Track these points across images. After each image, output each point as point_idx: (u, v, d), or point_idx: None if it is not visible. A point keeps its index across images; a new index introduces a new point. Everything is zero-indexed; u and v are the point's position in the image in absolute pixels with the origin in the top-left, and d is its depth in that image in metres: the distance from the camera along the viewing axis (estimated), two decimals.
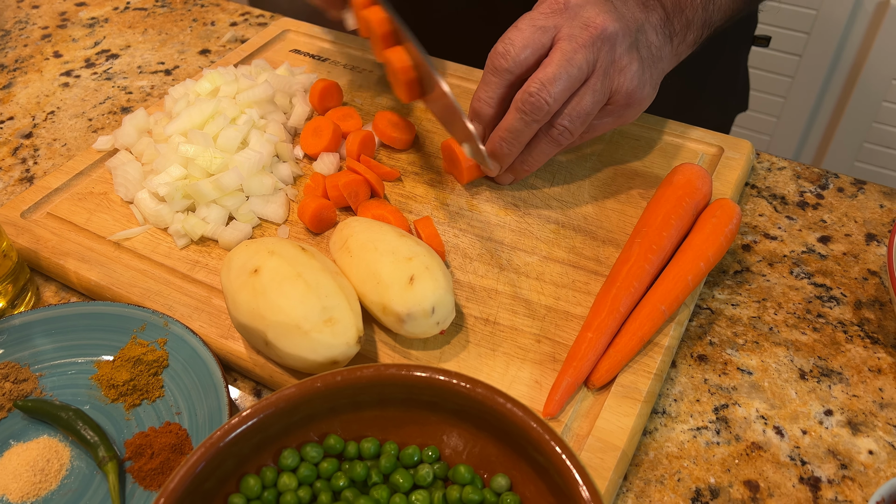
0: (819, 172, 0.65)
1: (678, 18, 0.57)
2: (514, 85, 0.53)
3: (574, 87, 0.52)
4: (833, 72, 1.56)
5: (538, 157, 0.56)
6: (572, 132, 0.53)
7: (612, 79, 0.53)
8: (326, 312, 0.46)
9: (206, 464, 0.37)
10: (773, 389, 0.49)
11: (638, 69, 0.53)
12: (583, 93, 0.52)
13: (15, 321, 0.52)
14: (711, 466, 0.46)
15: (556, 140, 0.54)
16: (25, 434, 0.48)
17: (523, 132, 0.53)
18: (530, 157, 0.56)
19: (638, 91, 0.54)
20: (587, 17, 0.51)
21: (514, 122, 0.53)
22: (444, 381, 0.39)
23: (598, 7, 0.52)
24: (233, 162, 0.60)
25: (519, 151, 0.55)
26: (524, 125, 0.53)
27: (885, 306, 0.54)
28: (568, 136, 0.54)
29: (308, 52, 0.79)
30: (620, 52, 0.52)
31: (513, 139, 0.54)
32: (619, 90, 0.53)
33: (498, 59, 0.52)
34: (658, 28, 0.56)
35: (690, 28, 0.58)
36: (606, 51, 0.52)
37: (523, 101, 0.51)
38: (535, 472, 0.38)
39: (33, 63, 0.84)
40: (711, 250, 0.52)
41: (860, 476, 0.45)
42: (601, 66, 0.52)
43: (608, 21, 0.51)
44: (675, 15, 0.57)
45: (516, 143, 0.54)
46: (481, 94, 0.54)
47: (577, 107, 0.52)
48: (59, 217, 0.61)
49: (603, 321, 0.48)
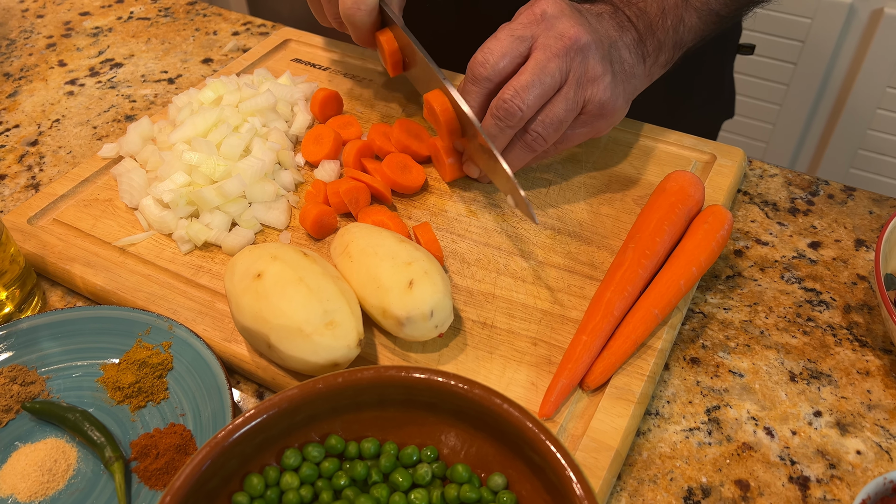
0: (810, 179, 0.66)
1: (650, 40, 0.59)
2: (492, 93, 0.56)
3: (547, 95, 0.54)
4: (828, 79, 1.58)
5: (513, 162, 0.58)
6: (545, 139, 0.56)
7: (585, 88, 0.55)
8: (328, 316, 0.47)
9: (210, 463, 0.38)
10: (763, 391, 0.51)
11: (610, 81, 0.55)
12: (556, 101, 0.54)
13: (23, 325, 0.53)
14: (703, 466, 0.47)
15: (529, 146, 0.56)
16: (33, 435, 0.49)
17: (498, 137, 0.55)
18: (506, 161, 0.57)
19: (611, 102, 0.56)
20: (562, 29, 0.54)
21: (489, 128, 0.55)
22: (442, 383, 0.40)
23: (572, 20, 0.54)
24: (236, 169, 0.61)
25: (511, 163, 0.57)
26: (499, 130, 0.55)
27: (873, 310, 0.55)
28: (542, 142, 0.56)
29: (309, 62, 0.80)
30: (593, 63, 0.54)
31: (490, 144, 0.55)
32: (592, 100, 0.55)
33: (477, 68, 0.54)
34: (631, 48, 0.58)
35: (662, 49, 0.60)
36: (579, 61, 0.54)
37: (498, 107, 0.54)
38: (531, 471, 0.39)
39: (38, 72, 0.85)
40: (703, 255, 0.53)
41: (848, 475, 0.46)
42: (574, 76, 0.54)
43: (581, 33, 0.54)
44: (647, 36, 0.59)
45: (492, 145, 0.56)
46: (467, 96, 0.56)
47: (549, 114, 0.54)
48: (65, 223, 0.62)
49: (597, 325, 0.50)
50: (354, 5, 0.60)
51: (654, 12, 0.59)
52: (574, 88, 0.54)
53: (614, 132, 0.68)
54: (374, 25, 0.63)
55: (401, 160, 0.63)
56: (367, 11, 0.60)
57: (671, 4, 0.60)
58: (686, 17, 0.61)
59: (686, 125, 0.69)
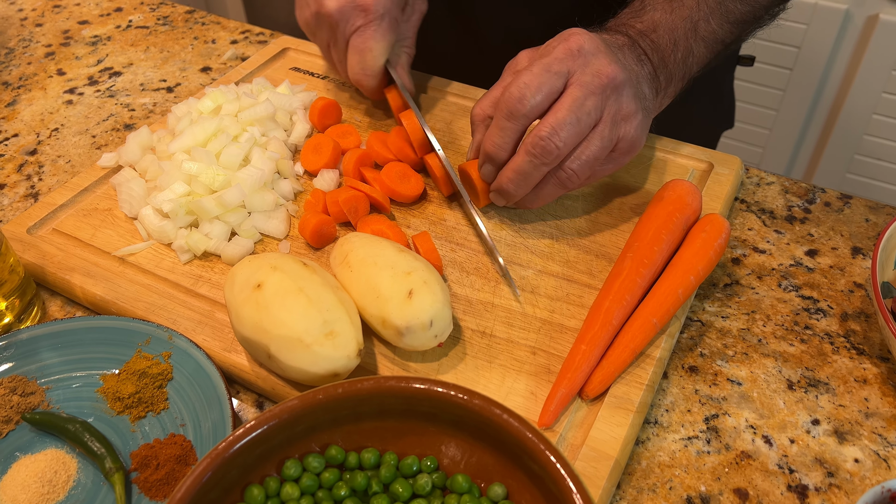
0: (806, 187, 0.67)
1: (663, 73, 0.59)
2: (526, 128, 0.55)
3: (583, 133, 0.53)
4: (823, 85, 1.59)
5: (545, 197, 0.57)
6: (580, 176, 0.55)
7: (619, 127, 0.54)
8: (327, 326, 0.47)
9: (211, 474, 0.38)
10: (761, 399, 0.51)
11: (642, 118, 0.55)
12: (592, 138, 0.53)
13: (22, 335, 0.53)
14: (702, 475, 0.47)
15: (563, 183, 0.55)
16: (33, 446, 0.49)
17: (532, 175, 0.54)
18: (537, 197, 0.57)
19: (640, 139, 0.56)
20: (598, 66, 0.53)
21: (523, 165, 0.54)
22: (442, 393, 0.40)
23: (608, 57, 0.53)
24: (235, 179, 0.61)
25: (527, 191, 0.56)
26: (533, 168, 0.54)
27: (870, 318, 0.56)
28: (576, 180, 0.55)
29: (308, 70, 0.80)
30: (627, 102, 0.54)
31: (521, 180, 0.55)
32: (625, 138, 0.55)
33: (515, 105, 0.53)
34: (649, 82, 0.58)
35: (672, 81, 0.61)
36: (614, 99, 0.53)
37: (534, 144, 0.52)
38: (530, 481, 0.40)
39: (37, 81, 0.85)
40: (701, 264, 0.53)
41: (846, 484, 0.46)
42: (609, 114, 0.53)
43: (617, 71, 0.53)
44: (660, 70, 0.59)
45: (524, 184, 0.55)
46: (497, 140, 0.55)
47: (585, 152, 0.53)
48: (64, 233, 0.62)
49: (596, 334, 0.50)
50: (361, 72, 0.64)
51: (666, 45, 0.59)
52: (609, 126, 0.53)
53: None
54: (382, 84, 0.67)
55: (399, 169, 0.63)
56: (372, 76, 0.65)
57: (681, 36, 0.60)
58: (695, 48, 0.61)
59: (686, 136, 0.69)
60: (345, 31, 0.63)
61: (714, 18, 0.61)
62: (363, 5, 0.62)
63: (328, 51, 0.68)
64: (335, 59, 0.68)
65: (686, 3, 0.60)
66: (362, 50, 0.63)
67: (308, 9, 0.65)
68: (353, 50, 0.64)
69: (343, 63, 0.67)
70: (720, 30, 0.62)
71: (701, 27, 0.60)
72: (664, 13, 0.60)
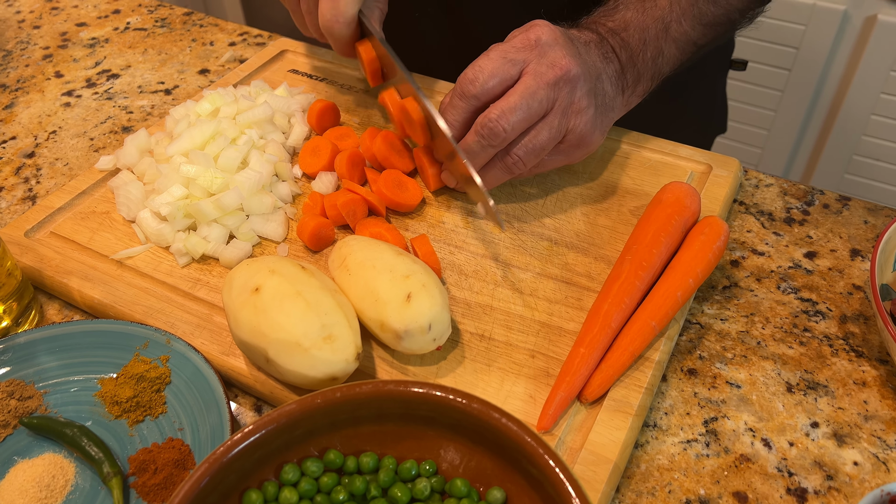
0: (805, 189, 0.67)
1: (630, 71, 0.60)
2: (478, 110, 0.56)
3: (532, 121, 0.54)
4: (822, 86, 1.59)
5: (490, 180, 0.59)
6: (525, 163, 0.56)
7: (570, 119, 0.55)
8: (326, 330, 0.47)
9: (209, 479, 0.38)
10: (760, 402, 0.51)
11: (593, 114, 0.56)
12: (540, 127, 0.55)
13: (20, 339, 0.53)
14: (701, 478, 0.47)
15: (509, 168, 0.57)
16: (31, 451, 0.49)
17: (479, 154, 0.56)
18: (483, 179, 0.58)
19: (590, 134, 0.57)
20: (554, 58, 0.54)
21: (471, 144, 0.56)
22: (440, 397, 0.40)
23: (565, 49, 0.55)
24: (233, 182, 0.61)
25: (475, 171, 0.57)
26: (480, 148, 0.55)
27: (869, 320, 0.56)
28: (521, 166, 0.57)
29: (306, 72, 0.80)
30: (580, 95, 0.55)
31: (469, 159, 0.56)
32: (574, 131, 0.56)
33: (467, 85, 0.55)
34: (613, 79, 0.59)
35: (641, 80, 0.61)
36: (567, 92, 0.55)
37: (483, 125, 0.54)
38: (529, 485, 0.39)
39: (35, 83, 0.85)
40: (700, 267, 0.53)
41: (846, 487, 0.46)
42: (560, 106, 0.55)
43: (572, 64, 0.54)
44: (628, 68, 0.60)
45: (472, 163, 0.57)
46: (448, 117, 0.57)
47: (532, 140, 0.55)
48: (62, 236, 0.62)
49: (595, 337, 0.50)
50: (333, 18, 0.61)
51: (635, 44, 0.60)
52: (559, 118, 0.55)
53: (610, 143, 0.68)
54: (354, 37, 0.64)
55: (396, 178, 0.63)
56: (345, 23, 0.61)
57: (652, 36, 0.61)
58: (665, 49, 0.62)
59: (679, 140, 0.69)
60: None
61: (686, 20, 0.62)
62: None
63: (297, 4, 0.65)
64: (304, 9, 0.65)
65: (659, 4, 0.61)
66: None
67: None
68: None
69: (313, 14, 0.64)
70: (692, 31, 0.62)
71: (673, 28, 0.61)
72: (636, 13, 0.61)
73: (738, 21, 0.66)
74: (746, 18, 0.67)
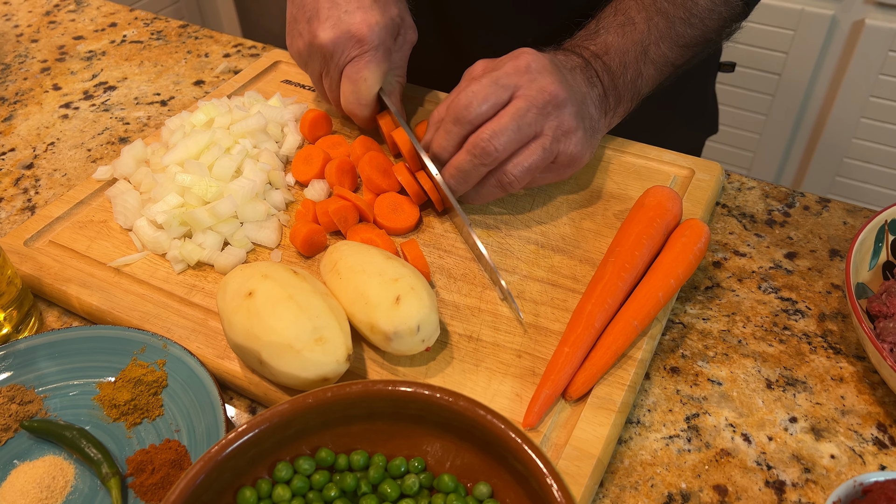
0: (786, 191, 0.68)
1: (612, 94, 0.63)
2: (470, 133, 0.58)
3: (521, 141, 0.57)
4: (811, 90, 1.61)
5: (485, 196, 0.62)
6: (519, 182, 0.59)
7: (560, 141, 0.58)
8: (317, 332, 0.48)
9: (204, 477, 0.39)
10: (741, 399, 0.52)
11: (583, 136, 0.59)
12: (533, 148, 0.57)
13: (20, 345, 0.54)
14: (683, 472, 0.48)
15: (503, 186, 0.60)
16: (31, 453, 0.50)
17: (471, 173, 0.58)
18: (478, 195, 0.62)
19: (580, 155, 0.60)
20: (543, 84, 0.57)
21: (463, 163, 0.58)
22: (429, 396, 0.42)
23: (553, 76, 0.57)
24: (227, 190, 0.62)
25: (468, 188, 0.60)
26: (472, 167, 0.58)
27: (846, 319, 0.57)
28: (516, 185, 0.59)
29: (298, 83, 0.82)
30: (568, 119, 0.58)
31: (461, 177, 0.59)
32: (565, 152, 0.59)
33: (461, 111, 0.57)
34: (597, 103, 0.62)
35: (621, 102, 0.64)
36: (555, 115, 0.57)
37: (475, 144, 0.57)
38: (514, 480, 0.41)
39: (33, 96, 0.87)
40: (681, 268, 0.55)
41: (822, 479, 0.48)
42: (550, 128, 0.57)
43: (560, 90, 0.57)
44: (610, 91, 0.63)
45: (464, 181, 0.59)
46: (442, 142, 0.59)
47: (526, 160, 0.58)
48: (60, 245, 0.64)
49: (579, 336, 0.51)
50: (355, 101, 0.66)
51: (616, 67, 0.63)
52: (551, 140, 0.57)
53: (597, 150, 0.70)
54: (374, 113, 0.69)
55: (392, 201, 0.64)
56: (366, 106, 0.66)
57: (631, 59, 0.63)
58: (644, 71, 0.64)
59: (670, 144, 0.71)
60: (339, 62, 0.64)
61: (664, 43, 0.64)
62: (358, 36, 0.63)
63: (320, 80, 0.69)
64: (327, 88, 0.68)
65: (637, 28, 0.64)
66: (356, 80, 0.64)
67: (301, 39, 0.66)
68: (347, 79, 0.65)
69: (335, 92, 0.68)
70: (670, 53, 0.65)
71: (651, 51, 0.64)
72: (616, 36, 0.63)
73: (714, 40, 0.68)
74: (724, 36, 0.69)
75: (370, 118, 0.69)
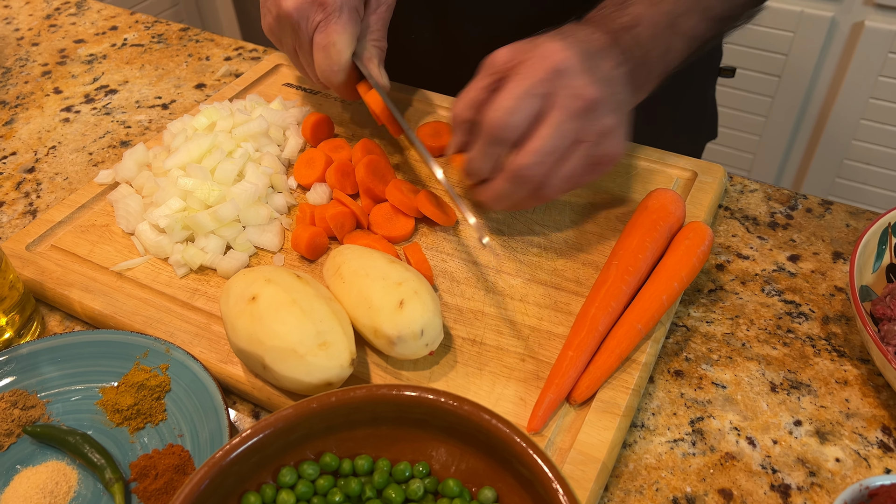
0: (788, 194, 0.68)
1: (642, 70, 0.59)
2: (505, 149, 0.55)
3: (564, 156, 0.53)
4: (811, 92, 1.61)
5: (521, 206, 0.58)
6: (558, 192, 0.55)
7: (601, 145, 0.54)
8: (321, 337, 0.48)
9: (209, 482, 0.39)
10: (745, 402, 0.52)
11: (621, 131, 0.55)
12: (573, 158, 0.54)
13: (22, 350, 0.54)
14: (688, 476, 0.48)
15: (542, 198, 0.56)
16: (34, 458, 0.50)
17: (511, 196, 0.55)
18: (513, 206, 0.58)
19: (620, 151, 0.56)
20: (577, 88, 0.53)
21: (504, 190, 0.55)
22: (433, 400, 0.41)
23: (586, 76, 0.53)
24: (230, 194, 0.62)
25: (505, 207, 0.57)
26: (513, 192, 0.55)
27: (850, 321, 0.57)
28: (553, 194, 0.55)
29: (300, 86, 0.82)
30: (606, 120, 0.54)
31: (500, 201, 0.56)
32: (607, 154, 0.55)
33: (498, 133, 0.53)
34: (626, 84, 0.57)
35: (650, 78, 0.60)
36: (593, 119, 0.53)
37: (516, 174, 0.53)
38: (519, 485, 0.41)
39: (34, 99, 0.87)
40: (685, 271, 0.55)
41: (828, 483, 0.48)
42: (591, 135, 0.53)
43: (595, 91, 0.53)
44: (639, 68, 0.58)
45: (503, 203, 0.56)
46: (479, 165, 0.55)
47: (567, 172, 0.54)
48: (62, 249, 0.64)
49: (583, 340, 0.51)
50: (328, 67, 0.63)
51: (647, 41, 0.59)
52: (592, 146, 0.54)
53: None
54: (353, 81, 0.66)
55: (387, 212, 0.63)
56: (340, 71, 0.63)
57: (662, 32, 0.59)
58: (673, 44, 0.61)
59: (670, 149, 0.71)
60: (307, 29, 0.63)
61: (693, 14, 0.61)
62: (319, 0, 0.61)
63: (296, 55, 0.67)
64: (303, 62, 0.67)
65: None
66: (326, 45, 0.62)
67: (269, 15, 0.65)
68: (317, 47, 0.63)
69: (311, 65, 0.66)
70: (698, 26, 0.61)
71: (680, 23, 0.60)
72: (646, 7, 0.59)
73: (739, 18, 0.65)
74: (745, 17, 0.66)
75: (348, 86, 0.66)
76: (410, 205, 0.63)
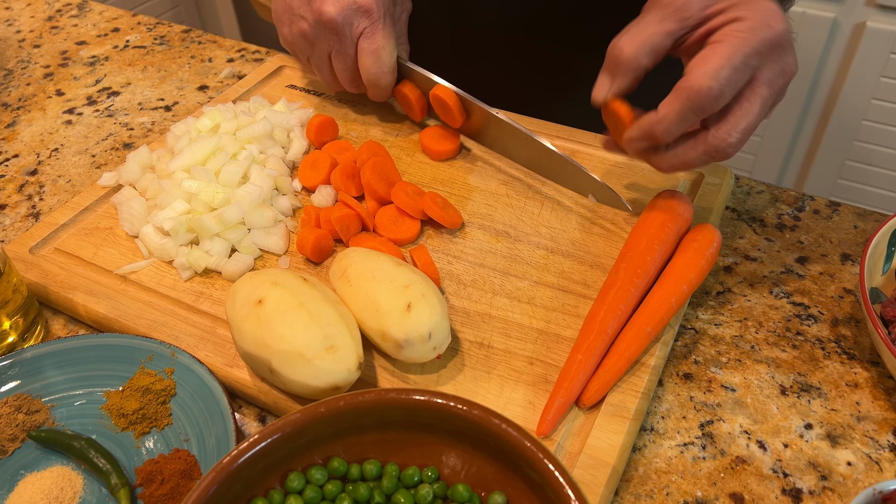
0: (796, 195, 0.68)
1: None
2: None
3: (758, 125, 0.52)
4: (813, 92, 1.61)
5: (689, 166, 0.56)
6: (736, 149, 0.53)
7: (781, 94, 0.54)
8: (328, 340, 0.48)
9: (216, 488, 0.38)
10: (755, 405, 0.52)
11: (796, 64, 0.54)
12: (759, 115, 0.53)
13: (26, 354, 0.54)
14: (698, 480, 0.48)
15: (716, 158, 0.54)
16: (39, 463, 0.49)
17: (695, 163, 0.54)
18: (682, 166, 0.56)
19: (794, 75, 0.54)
20: (785, 64, 0.52)
21: (694, 160, 0.54)
22: (441, 404, 0.41)
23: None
24: (234, 196, 0.62)
25: None
26: (698, 160, 0.54)
27: (860, 323, 0.57)
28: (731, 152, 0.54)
29: (304, 87, 0.81)
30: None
31: (684, 166, 0.55)
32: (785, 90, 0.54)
33: (710, 102, 0.50)
34: None
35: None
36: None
37: (715, 148, 0.52)
38: (529, 489, 0.40)
39: (36, 101, 0.86)
40: (693, 273, 0.54)
41: (839, 487, 0.47)
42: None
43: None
44: None
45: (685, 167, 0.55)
46: (674, 129, 0.52)
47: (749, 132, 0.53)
48: (66, 252, 0.63)
49: (592, 343, 0.51)
50: (379, 70, 0.66)
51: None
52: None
53: (604, 153, 0.69)
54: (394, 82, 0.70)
55: (393, 214, 0.63)
56: (390, 72, 0.67)
57: None
58: None
59: None
60: (351, 36, 0.65)
61: None
62: (365, 7, 0.64)
63: (328, 61, 0.69)
64: (340, 67, 0.69)
65: None
66: (375, 49, 0.66)
67: (303, 21, 0.66)
68: (364, 52, 0.66)
69: (349, 70, 0.68)
70: None
71: None
72: None
73: None
74: None
75: (392, 86, 0.70)
76: (416, 207, 0.62)
